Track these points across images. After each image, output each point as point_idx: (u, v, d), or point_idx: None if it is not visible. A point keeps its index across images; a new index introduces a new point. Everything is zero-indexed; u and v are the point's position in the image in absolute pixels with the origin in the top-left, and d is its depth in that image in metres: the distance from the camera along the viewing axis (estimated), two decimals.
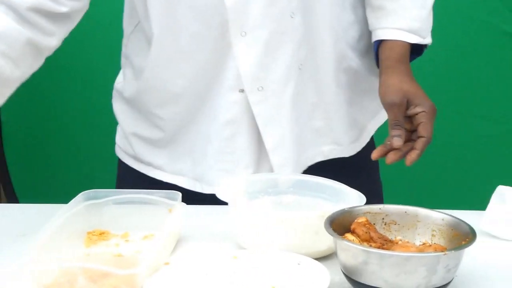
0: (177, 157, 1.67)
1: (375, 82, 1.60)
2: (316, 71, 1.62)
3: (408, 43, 1.57)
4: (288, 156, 1.62)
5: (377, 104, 1.59)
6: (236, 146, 1.61)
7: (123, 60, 1.72)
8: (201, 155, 1.64)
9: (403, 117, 1.45)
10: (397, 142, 1.43)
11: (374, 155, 1.44)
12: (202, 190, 1.66)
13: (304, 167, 1.67)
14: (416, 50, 1.62)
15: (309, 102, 1.63)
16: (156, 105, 1.64)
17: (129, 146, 1.73)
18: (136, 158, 1.73)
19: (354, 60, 1.66)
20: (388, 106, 1.46)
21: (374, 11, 1.59)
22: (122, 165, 1.79)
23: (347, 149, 1.71)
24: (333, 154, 1.69)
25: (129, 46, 1.68)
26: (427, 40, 1.61)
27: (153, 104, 1.64)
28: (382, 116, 1.71)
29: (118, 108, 1.74)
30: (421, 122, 1.44)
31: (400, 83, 1.49)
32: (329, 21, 1.59)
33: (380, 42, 1.59)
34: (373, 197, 1.48)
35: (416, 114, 1.45)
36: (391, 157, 1.43)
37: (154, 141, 1.68)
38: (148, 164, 1.71)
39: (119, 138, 1.79)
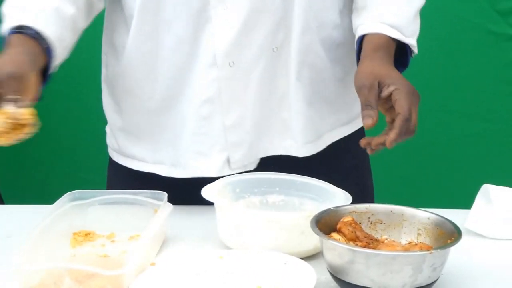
0: (159, 147, 1.65)
1: (340, 97, 1.62)
2: (289, 58, 1.60)
3: (389, 37, 1.52)
4: (245, 138, 1.60)
5: (336, 119, 1.60)
6: (212, 127, 1.60)
7: (104, 48, 1.72)
8: (178, 138, 1.62)
9: (375, 99, 1.39)
10: (367, 121, 1.36)
11: (362, 142, 1.40)
12: (177, 175, 1.64)
13: (258, 158, 1.64)
14: (402, 62, 1.57)
15: (279, 89, 1.61)
16: (136, 83, 1.64)
17: (115, 141, 1.73)
18: (121, 153, 1.72)
19: (322, 60, 1.63)
20: (358, 89, 1.42)
21: (358, 12, 1.58)
22: (111, 163, 1.78)
23: (301, 149, 1.66)
24: (290, 152, 1.66)
25: (109, 27, 1.68)
26: (409, 40, 1.54)
27: (134, 81, 1.63)
28: (341, 132, 1.70)
29: (105, 102, 1.73)
30: (395, 100, 1.38)
31: (372, 67, 1.44)
32: (311, 11, 1.58)
33: (362, 39, 1.56)
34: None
35: (390, 94, 1.39)
36: (372, 143, 1.37)
37: (137, 132, 1.67)
38: (132, 157, 1.70)
39: (107, 138, 1.78)
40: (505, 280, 1.30)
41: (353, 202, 1.39)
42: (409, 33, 1.55)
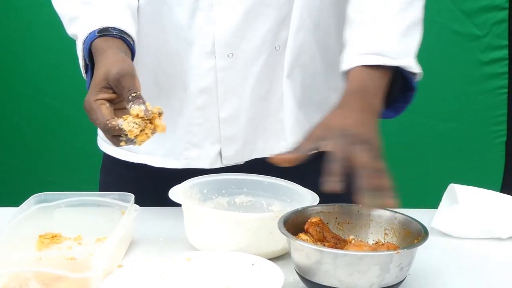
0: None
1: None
2: (285, 56, 1.58)
3: (370, 66, 1.40)
4: (239, 133, 1.59)
5: None
6: (207, 119, 1.58)
7: None
8: (172, 128, 1.59)
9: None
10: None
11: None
12: (169, 165, 1.63)
13: (251, 157, 1.63)
14: (406, 85, 1.49)
15: (278, 89, 1.59)
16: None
17: None
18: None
19: (316, 63, 1.61)
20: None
21: (346, 34, 1.50)
22: (105, 157, 1.76)
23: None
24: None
25: None
26: (398, 62, 1.42)
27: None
28: None
29: None
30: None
31: (329, 117, 1.34)
32: (306, 9, 1.55)
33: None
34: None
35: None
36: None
37: None
38: (126, 148, 1.68)
39: (99, 131, 1.76)
40: (471, 279, 1.31)
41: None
42: (396, 54, 1.43)
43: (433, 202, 1.55)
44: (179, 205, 1.41)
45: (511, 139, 3.23)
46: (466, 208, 1.49)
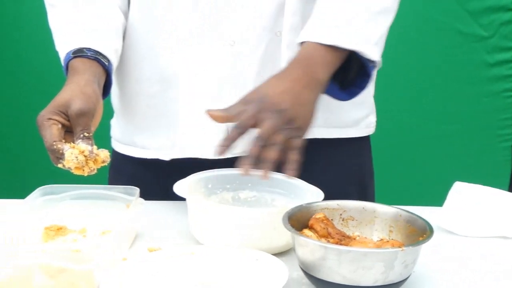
0: (158, 131, 1.62)
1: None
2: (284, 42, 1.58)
3: (318, 44, 1.41)
4: None
5: (324, 118, 1.58)
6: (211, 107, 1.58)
7: None
8: (177, 119, 1.61)
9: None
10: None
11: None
12: (175, 156, 1.63)
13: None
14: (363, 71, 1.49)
15: None
16: (136, 64, 1.63)
17: (118, 130, 1.72)
18: (123, 142, 1.71)
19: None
20: None
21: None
22: (115, 155, 1.77)
23: None
24: None
25: None
26: (355, 47, 1.42)
27: (134, 62, 1.62)
28: (328, 133, 1.66)
29: (113, 90, 1.71)
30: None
31: (261, 86, 1.38)
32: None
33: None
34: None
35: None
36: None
37: (136, 115, 1.66)
38: (134, 144, 1.68)
39: (112, 129, 1.77)
40: (477, 277, 1.31)
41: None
42: (354, 38, 1.42)
43: (438, 200, 1.54)
44: (183, 199, 1.41)
45: None
46: (471, 206, 1.49)
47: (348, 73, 1.49)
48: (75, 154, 1.31)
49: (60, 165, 1.33)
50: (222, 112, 1.35)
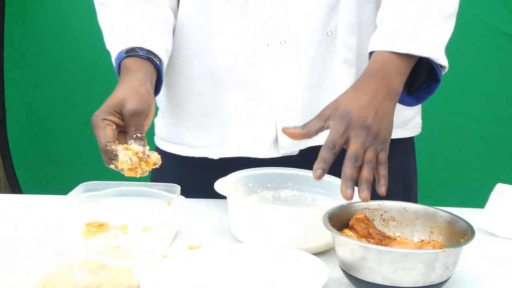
0: (207, 130, 1.63)
1: None
2: (338, 41, 1.57)
3: (394, 53, 1.40)
4: (294, 120, 1.55)
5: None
6: (261, 106, 1.58)
7: None
8: (227, 118, 1.62)
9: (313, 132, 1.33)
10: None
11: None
12: (224, 155, 1.64)
13: (306, 145, 1.60)
14: (431, 76, 1.48)
15: (332, 76, 1.58)
16: (186, 62, 1.63)
17: (164, 129, 1.73)
18: (169, 140, 1.72)
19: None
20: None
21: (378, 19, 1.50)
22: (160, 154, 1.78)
23: None
24: None
25: None
26: (428, 53, 1.41)
27: (184, 59, 1.63)
28: None
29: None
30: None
31: (341, 98, 1.36)
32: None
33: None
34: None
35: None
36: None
37: (185, 115, 1.67)
38: (181, 143, 1.69)
39: (156, 128, 1.78)
40: None
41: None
42: (425, 44, 1.41)
43: (480, 201, 1.53)
44: (224, 197, 1.42)
45: None
46: None
47: (417, 79, 1.48)
48: (129, 155, 1.31)
49: (112, 166, 1.33)
50: (300, 130, 1.33)
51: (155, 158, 1.35)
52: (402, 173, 1.73)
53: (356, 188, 1.25)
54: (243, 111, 1.59)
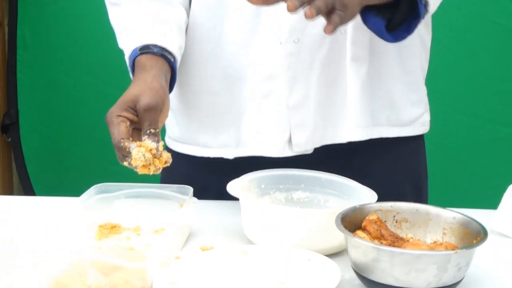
0: (221, 129, 1.63)
1: (402, 94, 1.59)
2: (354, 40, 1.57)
3: None
4: (308, 120, 1.57)
5: (395, 117, 1.59)
6: (275, 106, 1.58)
7: None
8: (240, 118, 1.61)
9: None
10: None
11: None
12: (237, 154, 1.64)
13: (321, 144, 1.61)
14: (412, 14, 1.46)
15: (346, 74, 1.58)
16: (199, 62, 1.63)
17: (177, 129, 1.73)
18: (182, 141, 1.72)
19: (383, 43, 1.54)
20: None
21: None
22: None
23: (352, 132, 1.62)
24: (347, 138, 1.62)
25: None
26: None
27: (197, 60, 1.63)
28: (397, 131, 1.66)
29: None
30: None
31: None
32: None
33: None
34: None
35: None
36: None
37: (199, 115, 1.67)
38: (195, 143, 1.69)
39: (167, 128, 1.77)
40: None
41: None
42: None
43: (493, 203, 1.53)
44: (236, 199, 1.42)
45: None
46: None
47: (397, 14, 1.46)
48: (142, 152, 1.31)
49: (125, 163, 1.33)
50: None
51: (166, 156, 1.35)
52: (413, 172, 1.73)
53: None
54: (257, 110, 1.59)
